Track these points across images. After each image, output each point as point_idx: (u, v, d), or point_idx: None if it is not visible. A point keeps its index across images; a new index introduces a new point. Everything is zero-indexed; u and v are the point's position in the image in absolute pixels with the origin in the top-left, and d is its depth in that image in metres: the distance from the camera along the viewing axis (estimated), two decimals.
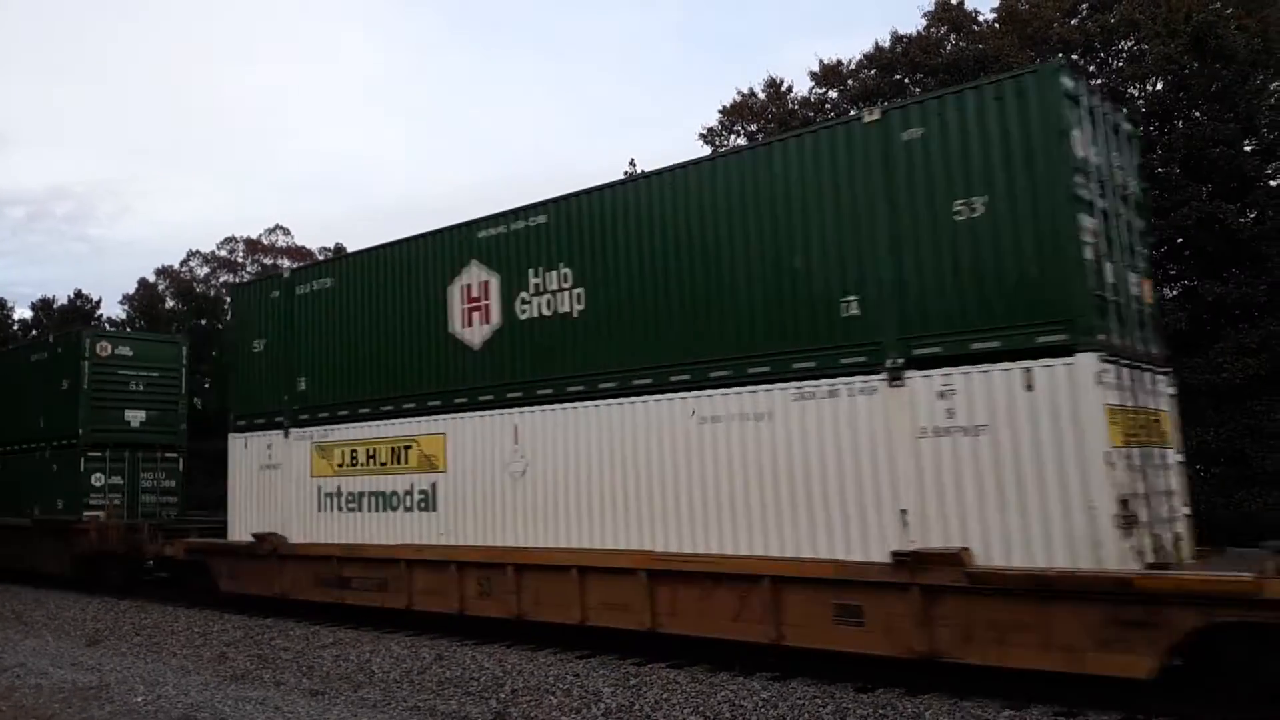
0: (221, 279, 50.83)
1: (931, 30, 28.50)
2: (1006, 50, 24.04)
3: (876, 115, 9.61)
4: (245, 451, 16.16)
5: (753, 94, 33.75)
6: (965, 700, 8.31)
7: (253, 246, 52.71)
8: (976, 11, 28.60)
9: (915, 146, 9.24)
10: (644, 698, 9.05)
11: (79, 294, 48.13)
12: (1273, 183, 20.32)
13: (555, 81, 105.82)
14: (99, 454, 20.24)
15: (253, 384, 16.22)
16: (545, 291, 12.19)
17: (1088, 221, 8.56)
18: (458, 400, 13.04)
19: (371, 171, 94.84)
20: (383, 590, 13.57)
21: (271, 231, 53.01)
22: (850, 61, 30.12)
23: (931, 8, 28.74)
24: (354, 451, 14.32)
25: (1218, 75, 19.96)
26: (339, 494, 14.47)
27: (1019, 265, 8.57)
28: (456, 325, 13.17)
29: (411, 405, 13.59)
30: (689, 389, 10.69)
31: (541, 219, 12.35)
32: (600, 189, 11.97)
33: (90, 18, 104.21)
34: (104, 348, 20.84)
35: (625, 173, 28.87)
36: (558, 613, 11.50)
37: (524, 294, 12.40)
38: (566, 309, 11.95)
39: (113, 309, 50.21)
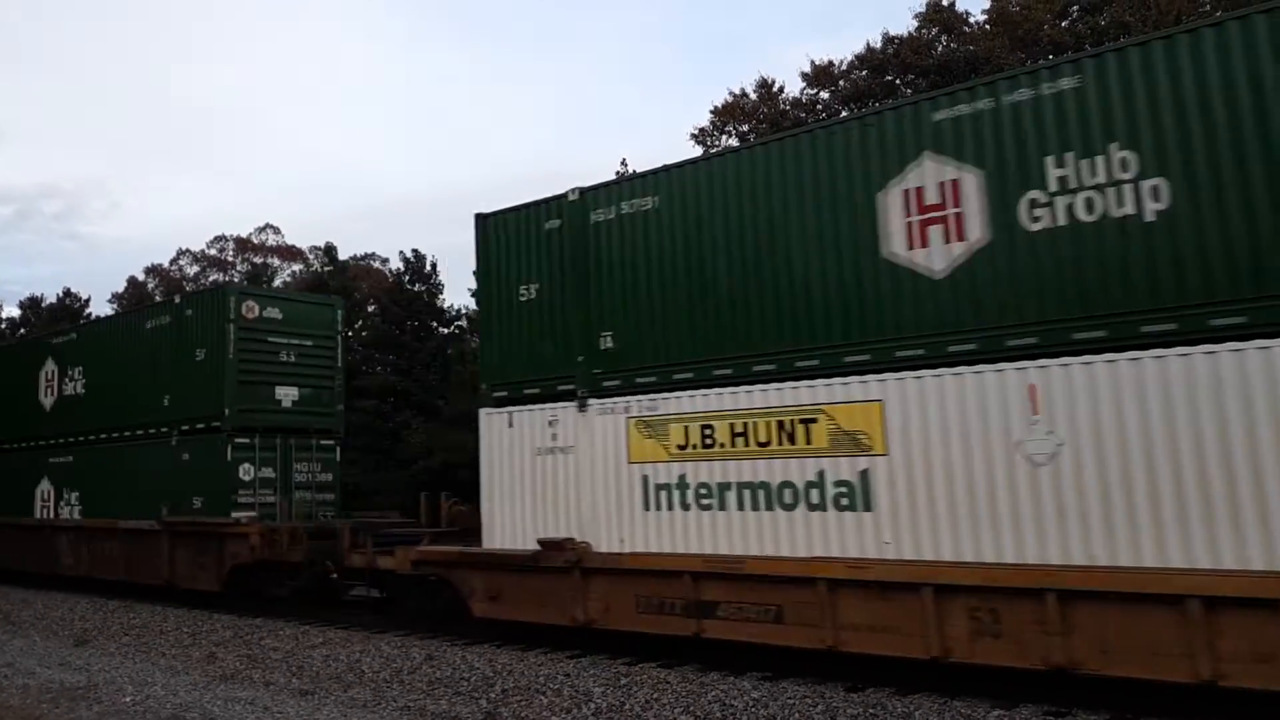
0: (211, 278, 50.69)
1: (923, 31, 28.62)
2: (997, 51, 24.14)
3: None
4: (509, 433, 12.22)
5: (744, 94, 33.82)
6: (955, 700, 8.34)
7: (243, 245, 52.62)
8: (967, 13, 28.77)
9: None
10: (634, 697, 9.05)
11: (67, 292, 47.98)
12: None
13: (546, 81, 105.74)
14: (247, 440, 16.44)
15: (516, 343, 12.44)
16: (1084, 188, 8.39)
17: None
18: (904, 354, 9.29)
19: (362, 170, 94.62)
20: (779, 623, 9.65)
21: (262, 230, 52.95)
22: (842, 62, 30.23)
23: (923, 9, 28.83)
24: (708, 428, 10.51)
25: None
26: (683, 486, 10.64)
27: None
28: (897, 246, 9.46)
29: (814, 363, 9.88)
30: None
31: (1070, 82, 8.57)
32: None
33: (78, 14, 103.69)
34: (250, 308, 16.84)
35: (616, 173, 28.91)
36: (1140, 664, 7.63)
37: (1034, 194, 8.66)
38: (1124, 211, 8.19)
39: (102, 308, 50.02)
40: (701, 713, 8.48)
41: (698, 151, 30.56)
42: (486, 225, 13.09)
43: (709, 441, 10.49)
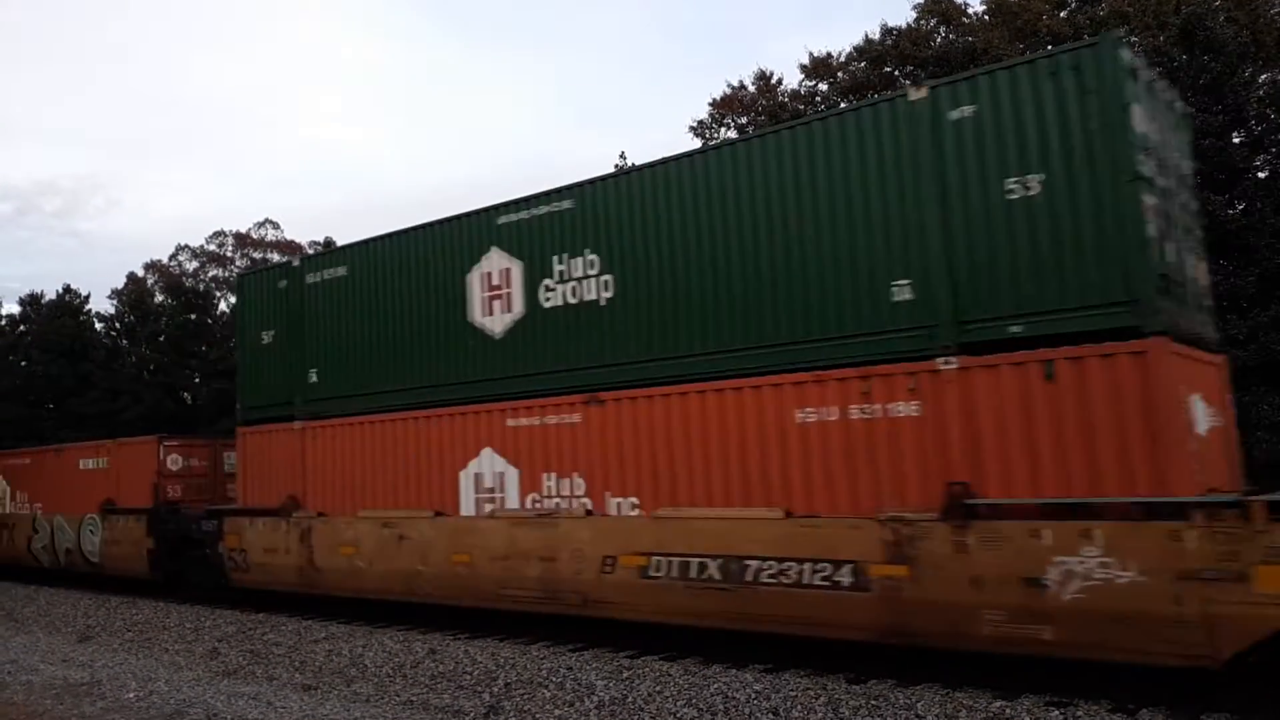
0: (210, 273, 50.65)
1: (921, 22, 28.54)
2: (996, 43, 24.08)
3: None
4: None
5: (742, 86, 33.79)
6: (958, 691, 8.36)
7: (242, 240, 52.58)
8: (966, 4, 28.66)
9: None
10: (637, 690, 9.06)
11: (67, 288, 47.90)
12: (1261, 174, 20.42)
13: (545, 74, 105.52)
14: None
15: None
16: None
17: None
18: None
19: (362, 165, 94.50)
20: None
21: (261, 225, 52.92)
22: (840, 54, 30.17)
23: (921, 0, 28.75)
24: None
25: (1207, 67, 20.04)
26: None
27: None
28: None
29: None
30: None
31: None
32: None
33: (76, 10, 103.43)
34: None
35: (615, 165, 28.95)
36: None
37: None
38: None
39: (101, 304, 49.98)
40: (704, 705, 8.50)
41: (697, 144, 30.54)
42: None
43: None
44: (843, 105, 16.33)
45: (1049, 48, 8.67)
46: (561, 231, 12.09)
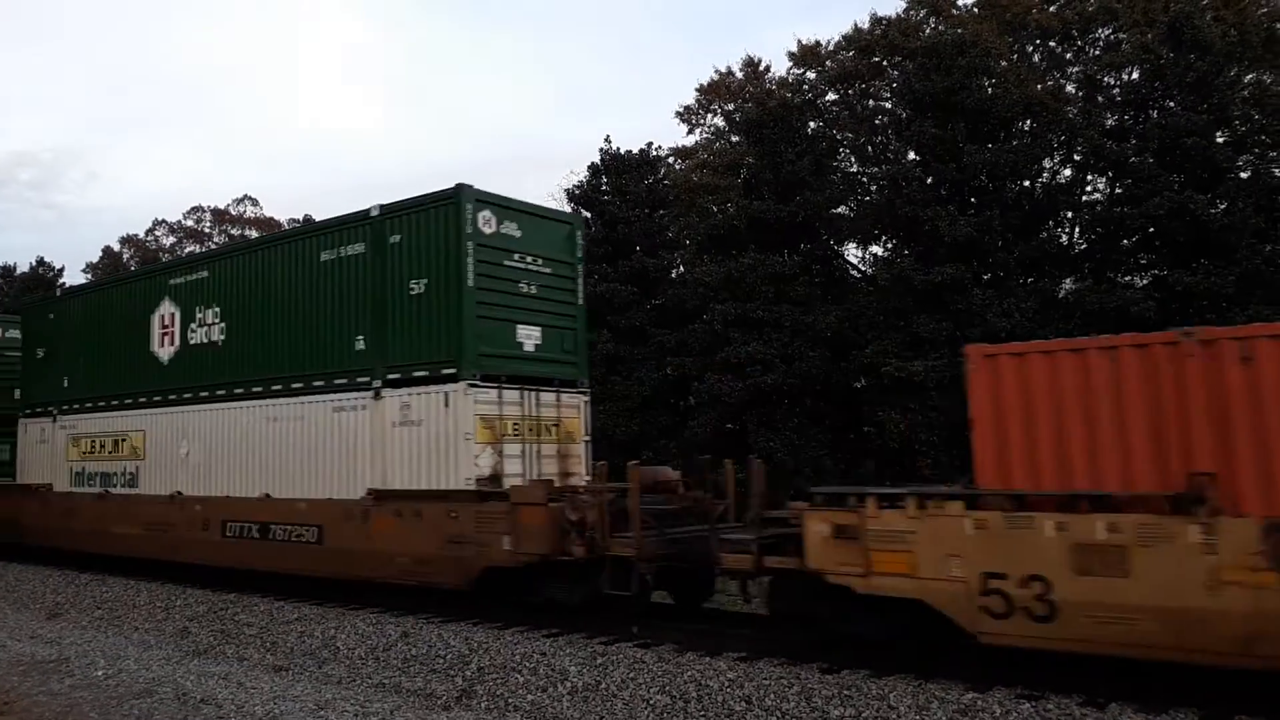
0: (188, 249, 50.08)
1: (911, 13, 28.48)
2: (985, 35, 24.05)
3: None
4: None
5: (730, 73, 33.65)
6: (930, 682, 8.38)
7: (220, 217, 52.02)
8: None
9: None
10: (610, 676, 9.04)
11: (41, 261, 47.29)
12: (1244, 174, 20.52)
13: (532, 58, 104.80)
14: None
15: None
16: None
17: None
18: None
19: (343, 144, 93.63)
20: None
21: (239, 202, 52.35)
22: (829, 43, 30.07)
23: None
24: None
25: (1193, 66, 20.09)
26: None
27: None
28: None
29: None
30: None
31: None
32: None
33: None
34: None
35: (600, 149, 28.72)
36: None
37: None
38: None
39: (76, 278, 49.33)
40: (677, 692, 8.48)
41: (683, 129, 30.26)
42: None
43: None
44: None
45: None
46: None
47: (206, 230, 51.90)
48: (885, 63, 27.61)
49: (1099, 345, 8.59)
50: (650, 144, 29.36)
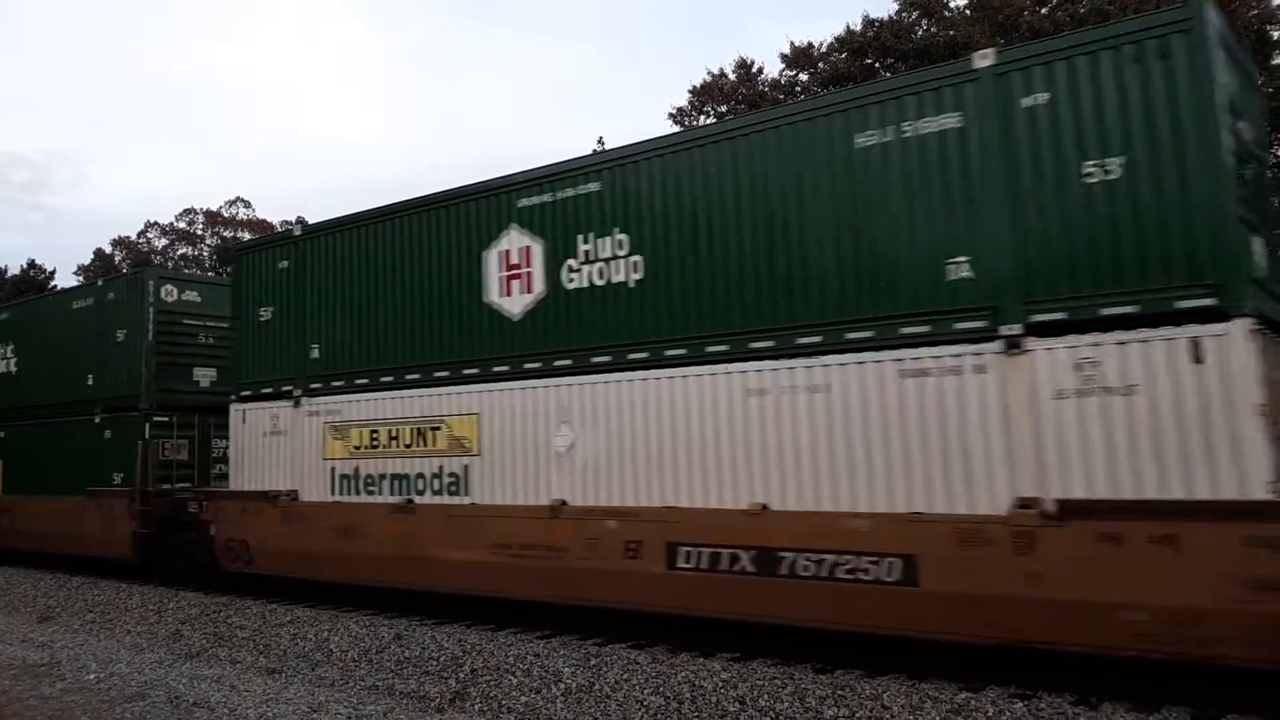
0: (180, 251, 50.00)
1: (903, 15, 28.57)
2: (977, 37, 24.14)
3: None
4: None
5: (723, 75, 33.71)
6: (923, 682, 8.40)
7: (212, 218, 51.94)
8: None
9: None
10: (604, 678, 9.04)
11: (32, 264, 47.18)
12: None
13: (525, 60, 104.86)
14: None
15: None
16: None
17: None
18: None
19: (337, 146, 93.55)
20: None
21: (232, 204, 52.33)
22: (821, 44, 30.15)
23: None
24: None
25: None
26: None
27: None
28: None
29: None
30: None
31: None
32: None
33: None
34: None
35: (594, 150, 28.73)
36: None
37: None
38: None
39: (67, 280, 49.21)
40: (671, 693, 8.49)
41: (677, 129, 30.45)
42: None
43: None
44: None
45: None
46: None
47: (199, 233, 51.82)
48: (878, 64, 27.69)
49: None
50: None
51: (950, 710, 7.68)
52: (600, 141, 28.40)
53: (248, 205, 52.43)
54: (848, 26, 28.84)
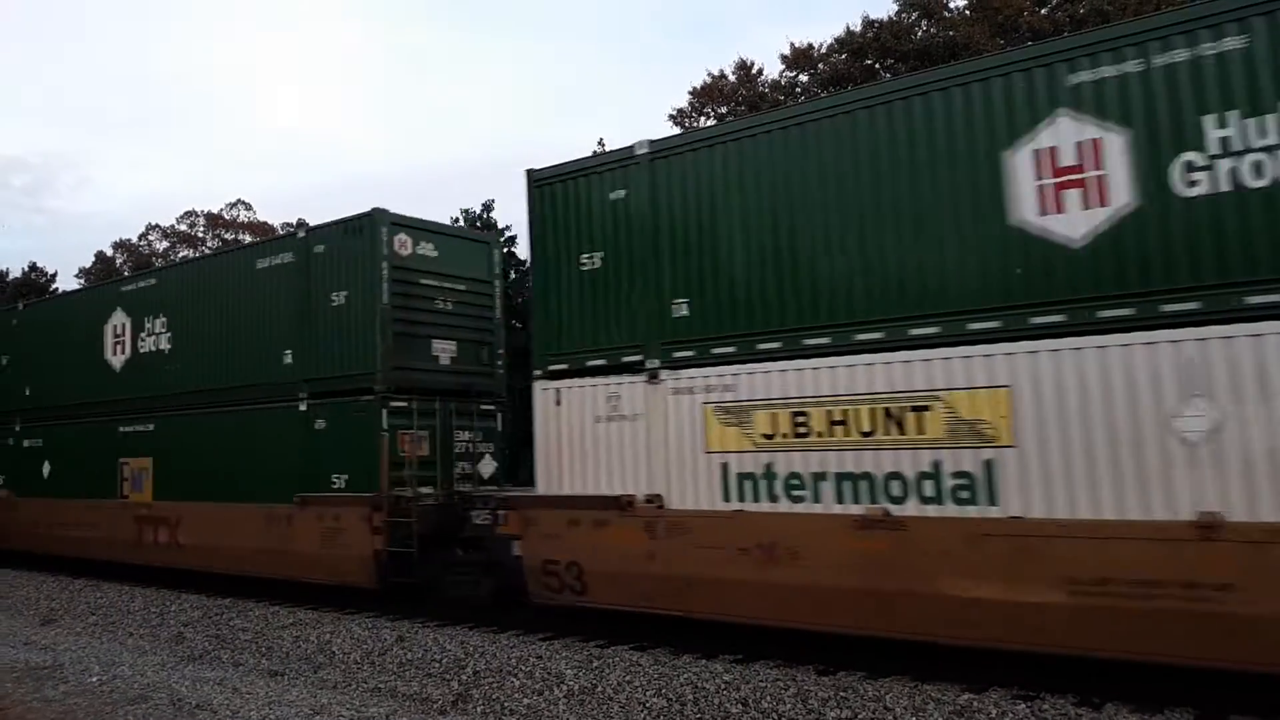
0: (181, 254, 50.01)
1: (903, 16, 28.58)
2: (977, 38, 24.16)
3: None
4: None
5: (723, 76, 33.71)
6: (926, 684, 8.39)
7: (214, 221, 51.94)
8: None
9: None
10: (606, 680, 9.04)
11: (33, 266, 47.17)
12: None
13: (525, 60, 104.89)
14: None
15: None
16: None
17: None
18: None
19: (337, 147, 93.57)
20: None
21: (233, 206, 52.33)
22: (821, 45, 30.16)
23: None
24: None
25: None
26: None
27: None
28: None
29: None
30: None
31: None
32: None
33: None
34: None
35: (593, 152, 28.66)
36: None
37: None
38: None
39: (68, 283, 49.21)
40: (674, 695, 8.48)
41: (676, 131, 30.39)
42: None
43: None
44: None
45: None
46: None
47: (200, 235, 51.83)
48: (878, 65, 27.70)
49: None
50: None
51: (953, 712, 7.67)
52: (600, 144, 28.34)
53: (249, 207, 52.45)
54: (847, 27, 28.88)
